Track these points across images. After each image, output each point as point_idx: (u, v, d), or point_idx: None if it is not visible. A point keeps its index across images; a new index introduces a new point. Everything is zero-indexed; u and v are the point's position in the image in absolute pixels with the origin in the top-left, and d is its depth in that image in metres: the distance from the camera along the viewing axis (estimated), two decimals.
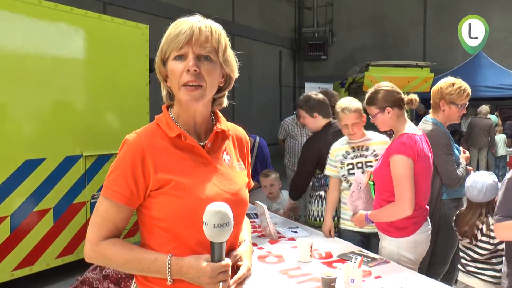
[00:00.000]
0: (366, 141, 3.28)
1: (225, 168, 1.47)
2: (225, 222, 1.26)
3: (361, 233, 3.18)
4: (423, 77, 9.09)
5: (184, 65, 1.35)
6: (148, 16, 9.79)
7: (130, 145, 1.38)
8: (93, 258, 1.37)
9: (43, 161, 4.22)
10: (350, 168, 3.25)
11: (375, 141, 3.27)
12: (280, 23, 16.24)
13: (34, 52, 4.16)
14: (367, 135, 3.31)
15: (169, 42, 1.37)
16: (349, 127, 3.20)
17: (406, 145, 2.61)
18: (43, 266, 4.24)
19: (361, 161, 3.23)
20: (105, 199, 1.37)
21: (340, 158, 3.29)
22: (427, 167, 2.70)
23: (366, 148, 3.26)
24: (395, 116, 2.75)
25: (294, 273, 2.48)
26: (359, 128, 3.24)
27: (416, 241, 2.70)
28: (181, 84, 1.36)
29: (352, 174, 3.20)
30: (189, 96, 1.36)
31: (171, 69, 1.38)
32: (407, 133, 2.68)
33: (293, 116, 6.75)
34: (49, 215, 4.27)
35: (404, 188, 2.58)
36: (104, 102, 4.79)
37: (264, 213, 3.15)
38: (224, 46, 1.40)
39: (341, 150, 3.31)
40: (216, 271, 1.28)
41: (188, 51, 1.35)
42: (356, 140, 3.27)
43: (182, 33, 1.34)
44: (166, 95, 1.48)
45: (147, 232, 1.41)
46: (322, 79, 12.66)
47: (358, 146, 3.27)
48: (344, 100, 3.30)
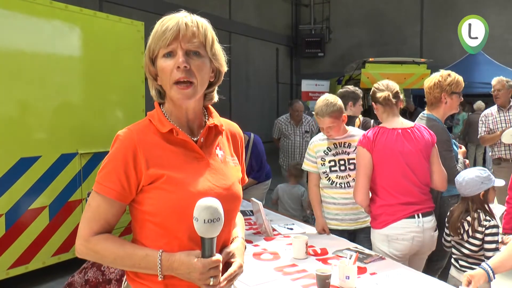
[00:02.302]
0: (348, 138, 3.23)
1: (218, 163, 1.47)
2: (215, 217, 1.25)
3: (346, 231, 3.19)
4: (420, 73, 9.09)
5: (174, 62, 1.34)
6: (144, 13, 9.76)
7: (122, 140, 1.37)
8: (84, 253, 1.37)
9: (38, 158, 4.20)
10: (332, 165, 3.20)
11: (356, 137, 3.15)
12: (277, 20, 16.21)
13: (28, 50, 4.13)
14: (349, 131, 3.25)
15: (156, 40, 1.36)
16: (325, 130, 3.18)
17: (364, 137, 2.87)
18: (39, 264, 4.23)
19: (343, 158, 3.19)
20: (97, 195, 1.37)
21: (321, 155, 3.23)
22: (389, 158, 2.79)
23: (349, 144, 3.21)
24: (380, 112, 2.93)
25: (289, 270, 2.48)
26: (336, 131, 3.17)
27: (388, 236, 2.77)
28: (172, 82, 1.35)
29: (334, 171, 3.18)
30: (181, 95, 1.36)
31: (161, 67, 1.37)
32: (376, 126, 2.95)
33: (287, 115, 6.68)
34: (44, 213, 4.26)
35: (357, 176, 2.88)
36: (100, 100, 4.77)
37: (259, 210, 3.14)
38: (211, 40, 1.39)
39: (322, 146, 3.24)
40: (206, 267, 1.28)
41: (177, 48, 1.34)
42: (337, 137, 3.22)
43: (169, 30, 1.33)
44: (155, 93, 1.47)
45: (139, 228, 1.41)
46: (319, 76, 12.68)
47: (340, 142, 3.22)
48: (320, 102, 3.16)
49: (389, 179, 2.80)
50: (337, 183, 3.18)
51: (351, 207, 3.16)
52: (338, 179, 3.18)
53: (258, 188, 4.96)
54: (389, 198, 2.78)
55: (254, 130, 5.58)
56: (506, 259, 2.13)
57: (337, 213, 3.19)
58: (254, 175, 4.85)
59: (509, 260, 2.12)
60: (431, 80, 3.25)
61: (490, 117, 5.38)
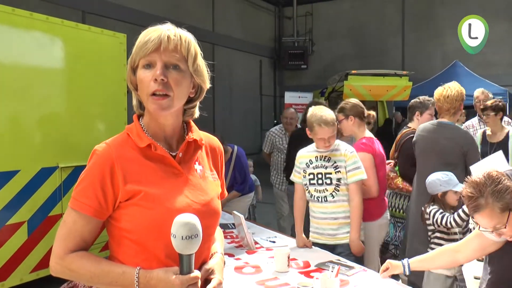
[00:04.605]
0: (331, 152, 3.16)
1: (197, 178, 1.45)
2: (194, 234, 1.23)
3: (327, 245, 3.11)
4: (402, 85, 9.19)
5: (152, 74, 1.33)
6: (128, 25, 9.75)
7: (99, 155, 1.35)
8: (59, 272, 1.34)
9: (17, 173, 4.12)
10: (311, 178, 3.16)
11: (339, 152, 3.14)
12: (260, 32, 16.33)
13: (8, 62, 4.07)
14: (335, 144, 3.18)
15: (138, 50, 1.35)
16: (326, 141, 3.08)
17: (366, 145, 3.48)
18: (16, 281, 4.12)
19: (321, 172, 3.14)
20: (72, 211, 1.34)
21: (303, 166, 3.20)
22: (383, 162, 3.59)
23: (328, 158, 3.14)
24: (356, 124, 3.57)
25: (271, 283, 2.45)
26: (334, 139, 3.15)
27: (381, 225, 3.55)
28: (149, 94, 1.34)
29: (313, 184, 3.14)
30: (155, 105, 1.34)
31: (139, 78, 1.36)
32: (365, 137, 3.56)
33: (280, 126, 5.91)
34: (23, 228, 4.17)
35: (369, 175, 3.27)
36: (81, 112, 4.71)
37: (241, 223, 3.12)
38: (194, 55, 1.38)
39: (305, 158, 3.21)
40: (185, 284, 1.26)
41: (156, 59, 1.33)
42: (323, 150, 3.15)
43: (151, 41, 1.32)
44: (136, 104, 1.46)
45: (116, 244, 1.38)
46: (302, 88, 12.75)
47: (321, 155, 3.16)
48: (318, 111, 3.12)
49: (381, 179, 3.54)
50: (314, 196, 3.15)
51: (328, 222, 3.12)
52: (316, 192, 3.15)
53: (241, 201, 4.94)
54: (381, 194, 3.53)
55: (238, 142, 5.57)
56: (424, 260, 2.46)
57: (316, 226, 3.18)
58: (237, 188, 4.83)
59: (426, 262, 2.47)
60: (453, 91, 3.55)
61: (471, 128, 5.47)
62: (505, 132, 4.62)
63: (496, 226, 1.93)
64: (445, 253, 2.39)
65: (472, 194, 1.93)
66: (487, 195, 1.89)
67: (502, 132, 4.62)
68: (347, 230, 3.08)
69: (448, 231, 3.17)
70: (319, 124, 3.05)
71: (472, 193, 1.93)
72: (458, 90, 3.57)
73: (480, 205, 1.91)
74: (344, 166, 3.09)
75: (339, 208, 3.10)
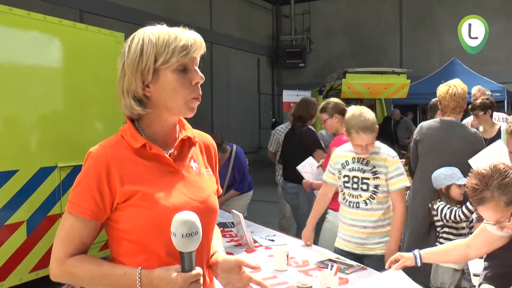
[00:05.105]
0: (370, 155, 2.89)
1: (193, 175, 1.45)
2: (194, 231, 1.23)
3: (353, 254, 2.92)
4: (400, 83, 9.19)
5: (190, 77, 1.34)
6: (125, 24, 9.73)
7: (94, 157, 1.34)
8: (60, 276, 1.33)
9: (15, 173, 4.12)
10: (345, 181, 2.93)
11: (378, 156, 2.89)
12: (258, 31, 16.33)
13: (6, 61, 4.06)
14: (375, 147, 2.90)
15: (177, 52, 1.31)
16: (363, 147, 2.82)
17: (345, 140, 3.30)
18: (16, 281, 4.11)
19: (357, 176, 2.89)
20: (70, 215, 1.33)
21: (339, 167, 2.98)
22: None
23: (367, 162, 2.88)
24: (340, 121, 3.73)
25: (270, 282, 2.45)
26: (373, 145, 2.87)
27: None
28: (190, 98, 1.35)
29: (348, 187, 2.92)
30: (194, 107, 1.37)
31: (175, 80, 1.33)
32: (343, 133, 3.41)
33: (287, 124, 5.80)
34: (22, 228, 4.16)
35: None
36: (79, 112, 4.71)
37: (240, 222, 3.13)
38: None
39: (342, 158, 2.99)
40: (187, 281, 1.26)
41: (191, 63, 1.35)
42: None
43: (190, 45, 1.33)
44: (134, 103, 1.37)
45: (116, 245, 1.38)
46: (301, 86, 12.74)
47: (360, 158, 2.90)
48: (358, 114, 2.80)
49: None
50: (347, 200, 2.93)
51: (358, 230, 2.89)
52: (349, 196, 2.92)
53: (240, 200, 4.94)
54: None
55: (236, 140, 5.56)
56: (436, 253, 2.46)
57: (344, 233, 2.98)
58: (236, 187, 4.83)
59: (438, 254, 2.46)
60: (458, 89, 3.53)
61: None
62: (496, 128, 4.64)
63: (500, 220, 1.90)
64: (456, 248, 2.36)
65: (478, 186, 1.89)
66: (493, 188, 1.85)
67: (493, 129, 4.64)
68: (377, 241, 2.87)
69: (457, 226, 3.19)
70: (357, 131, 2.78)
71: (477, 185, 1.89)
72: (463, 88, 3.57)
73: (485, 198, 1.87)
74: (385, 173, 2.85)
75: (371, 217, 2.86)
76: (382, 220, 2.87)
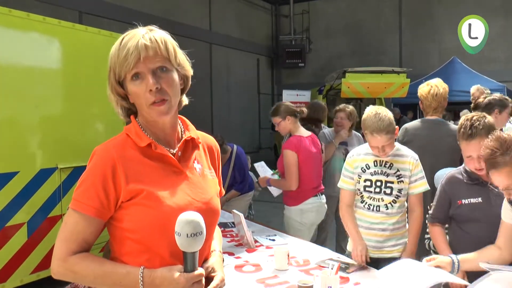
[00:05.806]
0: (393, 157, 2.77)
1: (197, 176, 1.46)
2: (198, 231, 1.24)
3: (370, 258, 2.75)
4: (399, 83, 9.18)
5: (145, 85, 1.33)
6: (125, 25, 9.68)
7: (100, 156, 1.35)
8: (62, 274, 1.33)
9: (16, 174, 4.12)
10: (368, 185, 2.78)
11: (402, 159, 2.78)
12: (257, 31, 16.32)
13: (5, 63, 4.06)
14: (396, 149, 2.79)
15: (119, 65, 1.34)
16: (380, 149, 2.70)
17: (291, 143, 3.80)
18: (17, 282, 4.11)
19: (380, 180, 2.76)
20: (74, 212, 1.33)
21: (359, 171, 2.81)
22: (308, 157, 3.83)
23: (390, 165, 2.76)
24: (292, 122, 3.88)
25: (271, 281, 2.46)
26: (391, 148, 2.73)
27: (302, 210, 3.83)
28: (148, 104, 1.34)
29: (369, 191, 2.78)
30: (157, 112, 1.35)
31: (132, 91, 1.36)
32: (295, 135, 3.87)
33: None
34: (22, 230, 4.16)
35: (291, 171, 3.75)
36: (79, 113, 4.70)
37: (241, 222, 3.13)
38: (173, 52, 1.38)
39: (361, 162, 2.82)
40: (190, 281, 1.27)
41: (143, 70, 1.33)
42: None
43: (130, 54, 1.31)
44: (122, 112, 1.44)
45: (118, 245, 1.38)
46: (300, 86, 12.74)
47: (382, 161, 2.77)
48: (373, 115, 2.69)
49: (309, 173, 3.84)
50: (367, 203, 2.80)
51: (375, 233, 2.78)
52: (369, 200, 2.79)
53: (241, 200, 4.94)
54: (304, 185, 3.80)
55: (236, 140, 5.57)
56: (472, 259, 2.21)
57: None
58: (237, 187, 4.83)
59: (475, 261, 2.18)
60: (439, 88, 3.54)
61: None
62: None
63: (510, 186, 1.89)
64: (489, 251, 2.23)
65: (497, 149, 1.86)
66: None
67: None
68: (394, 243, 2.79)
69: None
70: (371, 133, 2.66)
71: (496, 148, 1.87)
72: (445, 88, 3.57)
73: (501, 162, 1.85)
74: (409, 176, 2.75)
75: (390, 220, 2.77)
76: (399, 222, 2.80)
